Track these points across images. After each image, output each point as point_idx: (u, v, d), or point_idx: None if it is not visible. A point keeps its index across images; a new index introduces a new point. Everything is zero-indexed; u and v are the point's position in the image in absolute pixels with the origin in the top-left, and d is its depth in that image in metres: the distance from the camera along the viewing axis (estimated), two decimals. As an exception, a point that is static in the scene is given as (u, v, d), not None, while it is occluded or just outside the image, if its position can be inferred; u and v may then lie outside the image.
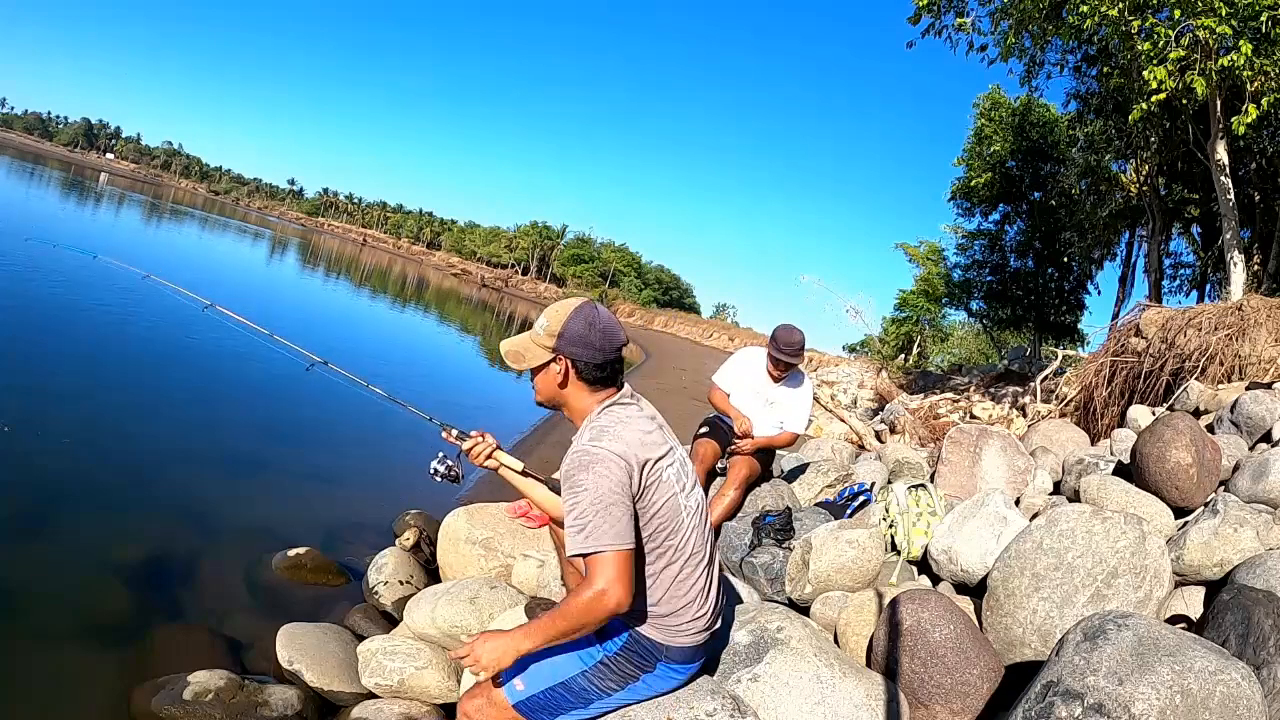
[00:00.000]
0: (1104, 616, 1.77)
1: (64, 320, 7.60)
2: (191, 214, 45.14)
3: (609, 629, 1.77)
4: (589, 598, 1.56)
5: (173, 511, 4.07)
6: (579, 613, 1.58)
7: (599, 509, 1.57)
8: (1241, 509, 2.79)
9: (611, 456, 1.62)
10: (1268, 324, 5.65)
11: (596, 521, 1.57)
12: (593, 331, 1.75)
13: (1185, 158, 11.05)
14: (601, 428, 1.69)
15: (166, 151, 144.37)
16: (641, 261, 69.10)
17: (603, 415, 1.73)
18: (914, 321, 25.49)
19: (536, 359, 1.79)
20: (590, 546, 1.57)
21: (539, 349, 1.79)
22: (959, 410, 9.28)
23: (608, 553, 1.57)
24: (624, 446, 1.65)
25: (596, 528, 1.57)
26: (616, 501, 1.59)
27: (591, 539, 1.57)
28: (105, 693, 2.60)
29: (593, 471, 1.60)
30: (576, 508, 1.59)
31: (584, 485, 1.59)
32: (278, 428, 6.26)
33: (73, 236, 10.88)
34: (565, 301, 1.83)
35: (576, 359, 1.75)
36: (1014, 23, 9.17)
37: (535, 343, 1.79)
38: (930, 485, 3.53)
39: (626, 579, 1.57)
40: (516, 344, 1.84)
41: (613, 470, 1.61)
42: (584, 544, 1.57)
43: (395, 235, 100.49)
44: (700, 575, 1.78)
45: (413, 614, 3.03)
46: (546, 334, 1.77)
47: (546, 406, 1.86)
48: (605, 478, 1.60)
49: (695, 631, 1.80)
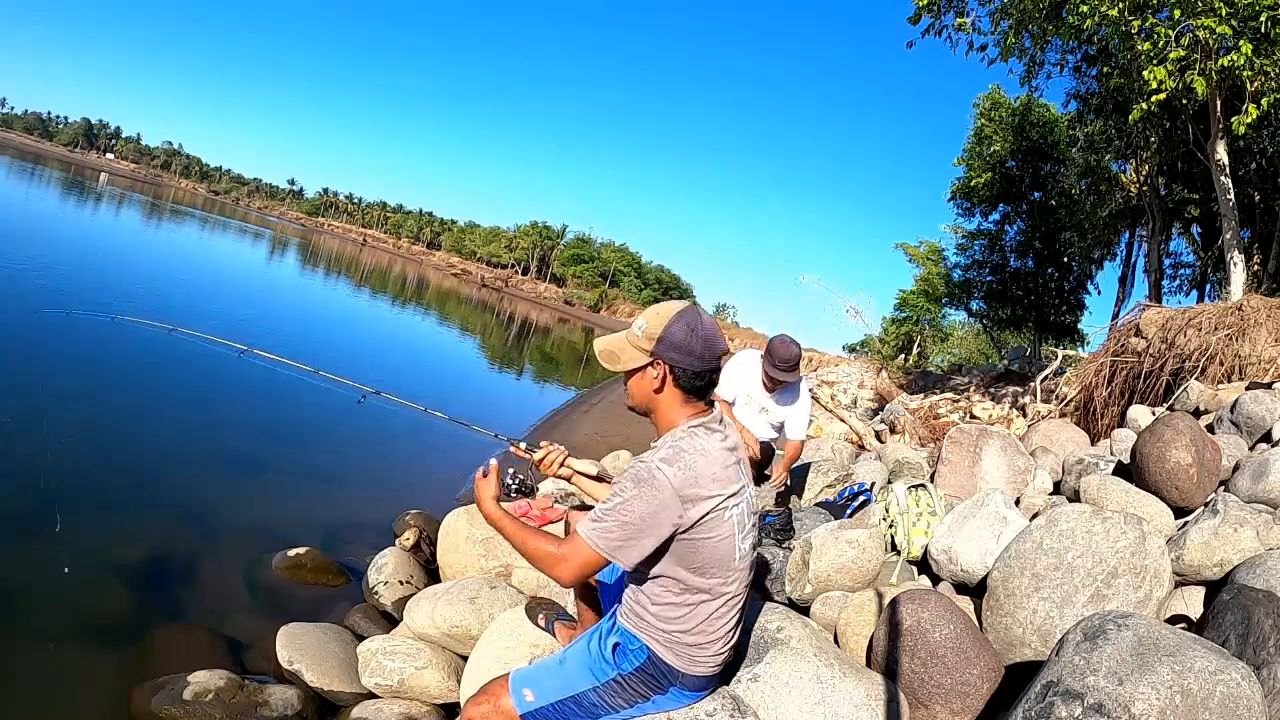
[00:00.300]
0: (1104, 616, 1.77)
1: (63, 320, 7.60)
2: (191, 214, 45.13)
3: (627, 647, 1.77)
4: (554, 555, 1.66)
5: (173, 511, 4.07)
6: (536, 556, 1.68)
7: (620, 521, 1.61)
8: (1241, 509, 2.79)
9: (668, 487, 1.60)
10: (1268, 324, 5.65)
11: (612, 527, 1.62)
12: (694, 338, 1.69)
13: (1185, 158, 11.05)
14: (679, 450, 1.65)
15: (166, 151, 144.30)
16: (641, 261, 69.10)
17: (686, 437, 1.68)
18: (914, 321, 25.48)
19: (632, 361, 1.73)
20: (591, 539, 1.63)
21: (636, 351, 1.73)
22: (959, 410, 9.28)
23: (594, 553, 1.63)
24: (686, 479, 1.62)
25: (608, 531, 1.62)
26: (642, 528, 1.61)
27: (596, 534, 1.62)
28: (105, 693, 2.61)
29: (641, 490, 1.61)
30: (610, 503, 1.64)
31: (627, 496, 1.61)
32: (278, 428, 6.25)
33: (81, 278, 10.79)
34: (667, 304, 1.76)
35: (675, 365, 1.69)
36: (1014, 23, 9.17)
37: (632, 344, 1.73)
38: (930, 485, 3.53)
39: (583, 577, 1.71)
40: (612, 344, 1.78)
41: (659, 500, 1.60)
42: (590, 531, 1.63)
43: (395, 235, 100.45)
44: (734, 615, 1.79)
45: (413, 614, 3.03)
46: (645, 336, 1.71)
47: (637, 411, 1.81)
48: (647, 503, 1.60)
49: (714, 665, 1.81)
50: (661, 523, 1.61)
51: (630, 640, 1.77)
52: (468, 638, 2.87)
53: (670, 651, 1.74)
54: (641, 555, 1.64)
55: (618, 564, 1.65)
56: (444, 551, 3.76)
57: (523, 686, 1.77)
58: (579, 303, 57.24)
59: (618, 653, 1.77)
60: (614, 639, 1.79)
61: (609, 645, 1.78)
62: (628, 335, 1.76)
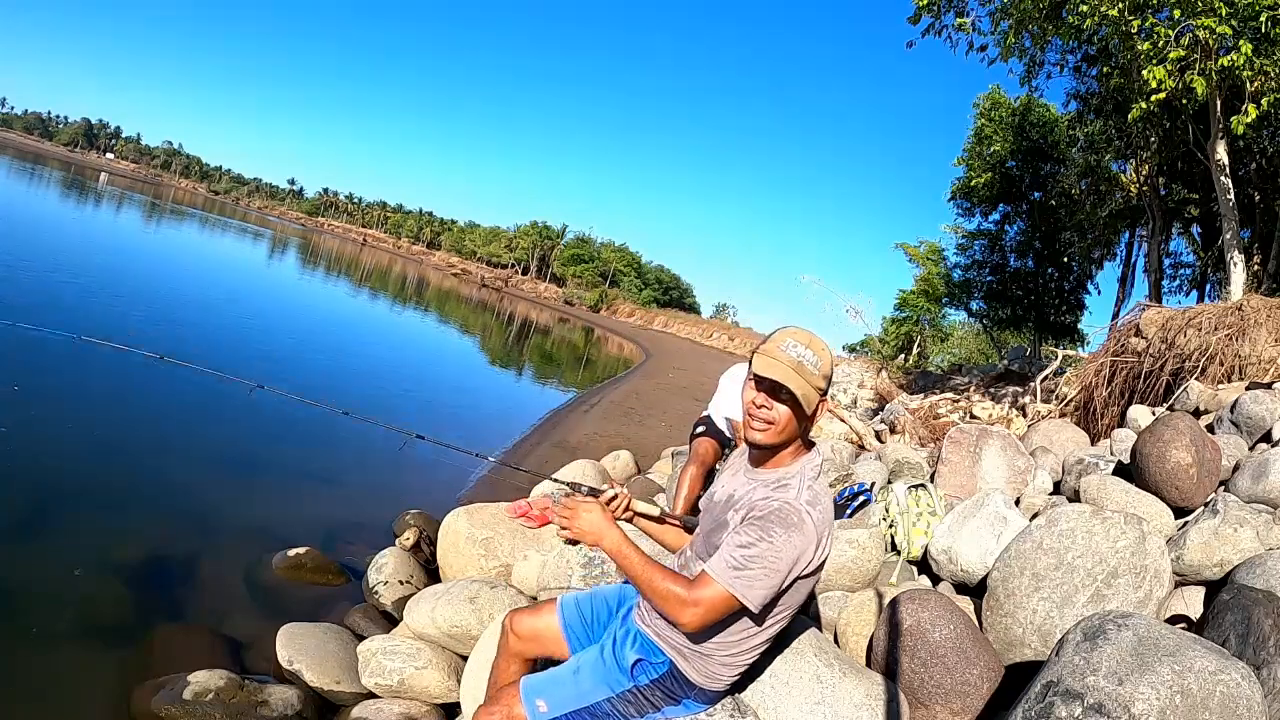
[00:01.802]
0: (1104, 616, 1.77)
1: (64, 321, 7.60)
2: (191, 214, 45.12)
3: (649, 660, 1.75)
4: (683, 599, 1.56)
5: (173, 511, 4.07)
6: (662, 596, 1.58)
7: (768, 569, 1.53)
8: (1241, 509, 2.79)
9: (815, 533, 1.57)
10: (1268, 324, 5.65)
11: (755, 575, 1.53)
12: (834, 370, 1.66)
13: (1185, 158, 11.04)
14: (818, 495, 1.61)
15: (166, 151, 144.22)
16: (641, 261, 69.03)
17: (818, 479, 1.65)
18: (914, 321, 25.44)
19: (814, 404, 1.59)
20: (729, 585, 1.53)
21: (815, 393, 1.58)
22: (959, 410, 9.27)
23: (730, 599, 1.54)
24: (824, 523, 1.60)
25: (751, 579, 1.53)
26: (783, 573, 1.55)
27: (739, 583, 1.53)
28: (105, 693, 2.61)
29: (791, 535, 1.54)
30: (753, 548, 1.54)
31: (774, 540, 1.53)
32: (278, 428, 6.25)
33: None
34: (818, 338, 1.63)
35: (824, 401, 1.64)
36: (1014, 23, 9.16)
37: (809, 382, 1.57)
38: (930, 485, 3.53)
39: (712, 624, 1.59)
40: (805, 389, 1.57)
41: (804, 546, 1.56)
42: (729, 578, 1.53)
43: (395, 235, 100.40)
44: (768, 645, 1.79)
45: (413, 614, 3.03)
46: (821, 375, 1.59)
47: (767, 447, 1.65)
48: (794, 549, 1.55)
49: (732, 682, 1.80)
50: (799, 566, 1.57)
51: (653, 652, 1.75)
52: (468, 638, 2.87)
53: (694, 667, 1.72)
54: (771, 598, 1.58)
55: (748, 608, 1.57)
56: (444, 551, 3.76)
57: (535, 696, 1.76)
58: (579, 303, 57.22)
59: (637, 667, 1.75)
60: (634, 653, 1.76)
61: (628, 658, 1.76)
62: (800, 370, 1.57)
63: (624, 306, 58.69)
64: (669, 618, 1.60)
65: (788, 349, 1.59)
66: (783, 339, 1.62)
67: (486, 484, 6.08)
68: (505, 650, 2.02)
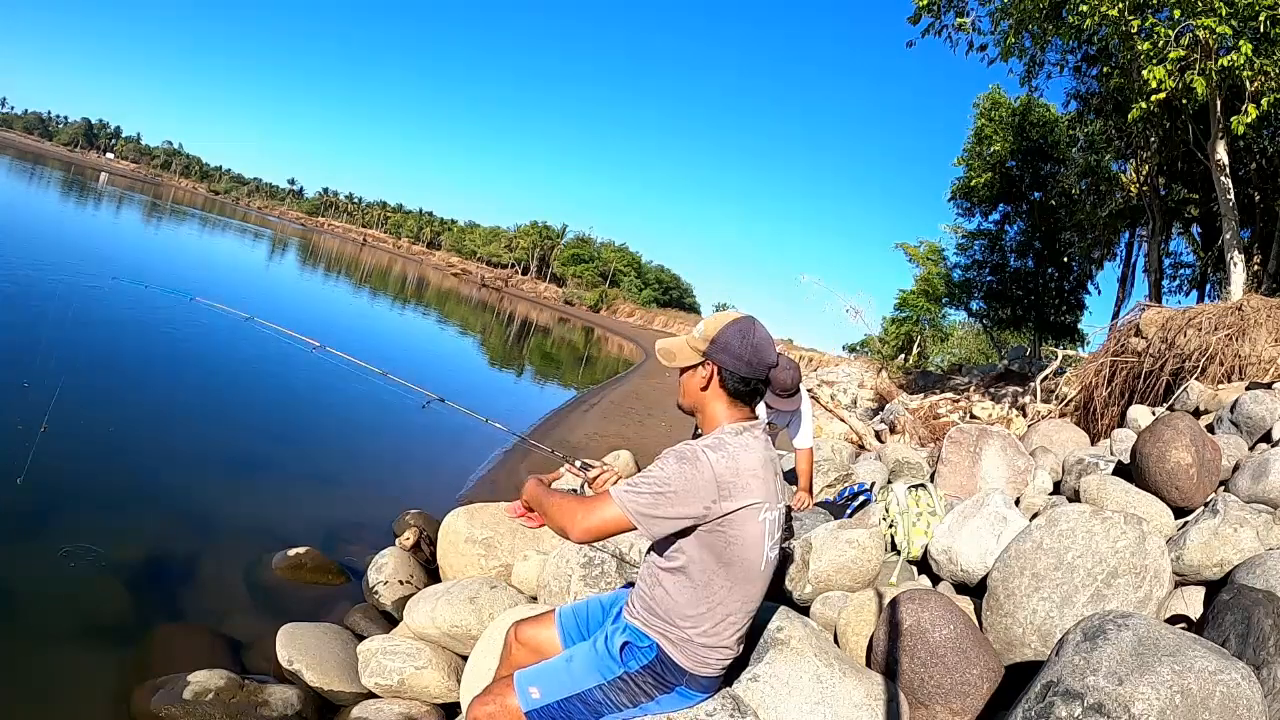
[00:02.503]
0: (1104, 616, 1.77)
1: (62, 321, 7.60)
2: (192, 214, 45.12)
3: (636, 645, 1.78)
4: (572, 509, 1.71)
5: (173, 511, 4.07)
6: (558, 508, 1.75)
7: (657, 491, 1.64)
8: (1241, 509, 2.79)
9: (709, 469, 1.65)
10: (1268, 324, 5.65)
11: (645, 492, 1.65)
12: (744, 345, 1.78)
13: (1185, 158, 11.04)
14: (723, 441, 1.71)
15: (166, 151, 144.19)
16: (641, 261, 69.03)
17: (732, 433, 1.75)
18: (914, 321, 25.41)
19: (686, 360, 1.84)
20: (622, 499, 1.65)
21: (690, 351, 1.83)
22: (959, 410, 9.28)
23: (619, 514, 1.64)
24: (728, 468, 1.67)
25: (640, 495, 1.65)
26: (675, 501, 1.64)
27: (628, 497, 1.65)
28: (105, 693, 2.61)
29: (683, 466, 1.65)
30: (648, 475, 1.68)
31: (667, 469, 1.66)
32: (278, 428, 6.26)
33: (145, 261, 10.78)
34: (728, 313, 1.88)
35: (723, 366, 1.78)
36: (1014, 23, 9.17)
37: (689, 345, 1.84)
38: (930, 485, 3.53)
39: (600, 536, 1.70)
40: (672, 344, 1.89)
41: (698, 480, 1.64)
42: (622, 493, 1.66)
43: (395, 235, 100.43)
44: (747, 619, 1.83)
45: (413, 614, 3.03)
46: (701, 338, 1.82)
47: (685, 410, 1.90)
48: (686, 479, 1.64)
49: (721, 666, 1.82)
50: (693, 501, 1.64)
51: (639, 638, 1.78)
52: (468, 637, 2.87)
53: (680, 650, 1.75)
54: (665, 530, 1.67)
55: (643, 533, 1.66)
56: (444, 551, 3.76)
57: (528, 685, 1.79)
58: (579, 302, 57.23)
59: (625, 651, 1.78)
60: (622, 637, 1.79)
61: (616, 643, 1.79)
62: (687, 337, 1.87)
63: (624, 306, 58.70)
64: (564, 529, 1.70)
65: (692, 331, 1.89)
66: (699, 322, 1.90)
67: (487, 483, 6.09)
68: (508, 659, 2.06)
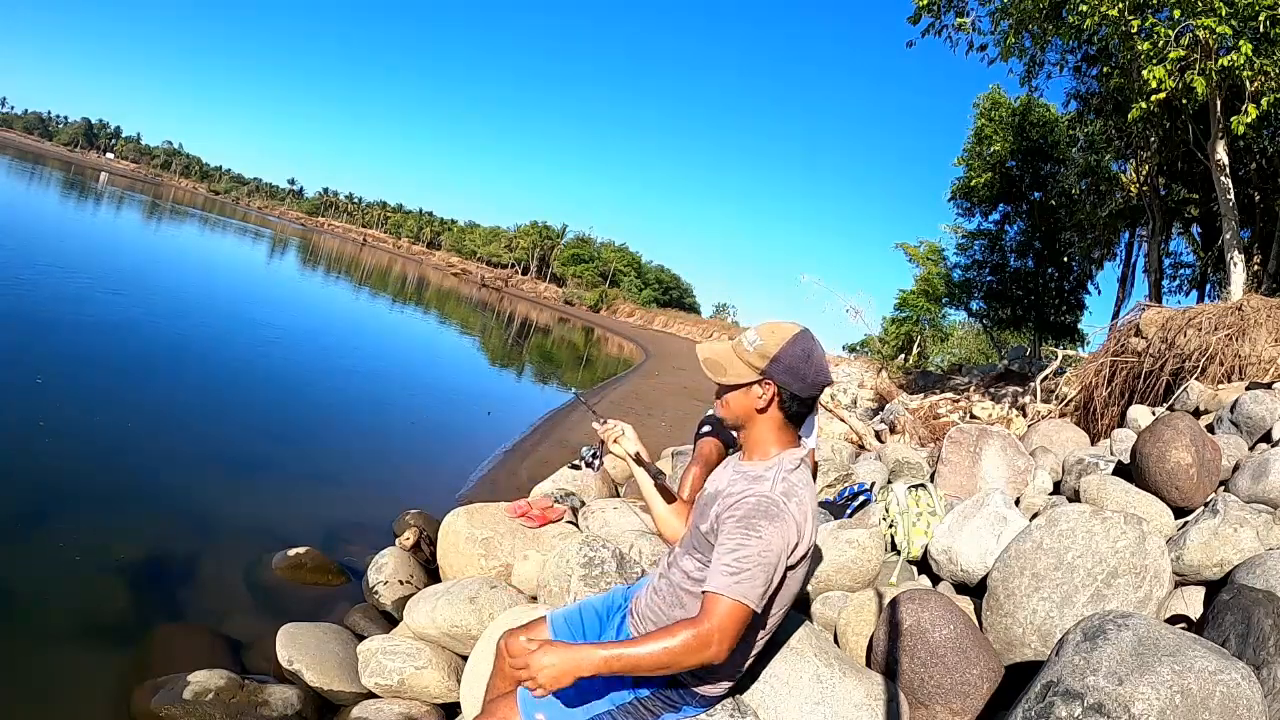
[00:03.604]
0: (1104, 616, 1.77)
1: (62, 321, 7.60)
2: (192, 214, 45.13)
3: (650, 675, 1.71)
4: (699, 635, 1.49)
5: (173, 511, 4.07)
6: (681, 649, 1.50)
7: (763, 565, 1.52)
8: (1241, 509, 2.79)
9: (795, 523, 1.57)
10: (1268, 324, 5.65)
11: (754, 574, 1.51)
12: (809, 365, 1.65)
13: (1185, 158, 11.04)
14: (793, 485, 1.62)
15: (166, 151, 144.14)
16: (641, 261, 69.01)
17: (796, 471, 1.66)
18: (914, 321, 25.42)
19: (739, 376, 1.67)
20: (736, 594, 1.51)
21: (744, 366, 1.67)
22: (959, 410, 9.28)
23: (742, 608, 1.52)
24: (805, 518, 1.60)
25: (752, 579, 1.51)
26: (776, 566, 1.55)
27: (741, 587, 1.51)
28: (105, 693, 2.61)
29: (775, 527, 1.54)
30: (742, 550, 1.53)
31: (761, 534, 1.53)
32: (278, 427, 6.25)
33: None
34: (782, 324, 1.71)
35: (785, 388, 1.66)
36: (1014, 23, 9.17)
37: (741, 358, 1.67)
38: (930, 485, 3.53)
39: (736, 639, 1.54)
40: (719, 354, 1.70)
41: (789, 536, 1.56)
42: (732, 588, 1.51)
43: (395, 235, 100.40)
44: (764, 643, 1.79)
45: (413, 614, 3.03)
46: (758, 354, 1.65)
47: (729, 424, 1.75)
48: (781, 539, 1.55)
49: (732, 684, 1.80)
50: (787, 558, 1.57)
51: None
52: (468, 637, 2.87)
53: (694, 674, 1.71)
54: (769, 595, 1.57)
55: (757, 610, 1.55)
56: (444, 551, 3.76)
57: (534, 710, 1.73)
58: (579, 302, 57.22)
59: (639, 679, 1.72)
60: None
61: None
62: (736, 347, 1.69)
63: (624, 306, 58.69)
64: (705, 660, 1.51)
65: (744, 331, 1.74)
66: (748, 330, 1.74)
67: (487, 483, 6.09)
68: (500, 671, 2.00)
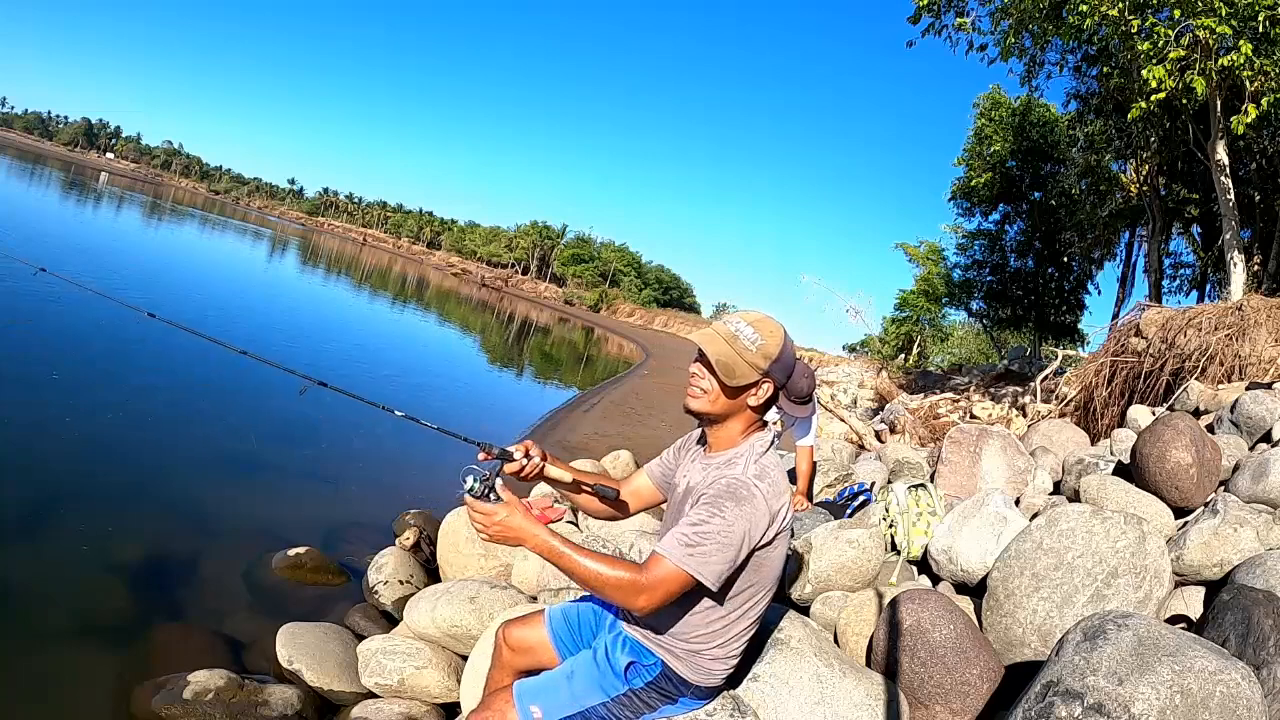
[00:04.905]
0: (1104, 616, 1.77)
1: (61, 319, 7.60)
2: (192, 213, 45.11)
3: (641, 663, 1.74)
4: (634, 583, 1.50)
5: (173, 511, 4.07)
6: (613, 583, 1.51)
7: (721, 544, 1.53)
8: (1241, 509, 2.79)
9: (764, 505, 1.58)
10: (1268, 324, 5.65)
11: (710, 550, 1.52)
12: (793, 360, 1.68)
13: (1185, 158, 11.04)
14: (765, 468, 1.64)
15: (166, 151, 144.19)
16: (641, 261, 69.04)
17: (765, 455, 1.67)
18: (914, 321, 25.44)
19: (745, 377, 1.64)
20: (682, 563, 1.51)
21: (749, 367, 1.63)
22: (959, 410, 9.28)
23: (683, 576, 1.52)
24: (774, 494, 1.61)
25: (706, 555, 1.52)
26: (738, 547, 1.55)
27: (693, 560, 1.51)
28: (105, 693, 2.61)
29: (742, 509, 1.55)
30: (704, 525, 1.54)
31: (726, 514, 1.54)
32: (278, 428, 6.25)
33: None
34: (770, 320, 1.68)
35: (778, 384, 1.66)
36: (1014, 22, 9.17)
37: (744, 357, 1.63)
38: (930, 485, 3.53)
39: (666, 601, 1.55)
40: (729, 356, 1.63)
41: (756, 519, 1.57)
42: (683, 558, 1.52)
43: (395, 235, 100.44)
44: (755, 629, 1.79)
45: (413, 613, 3.03)
46: (761, 354, 1.63)
47: (705, 417, 1.70)
48: (746, 521, 1.55)
49: (726, 675, 1.80)
50: (752, 538, 1.58)
51: (644, 655, 1.74)
52: (468, 637, 2.87)
53: (686, 665, 1.73)
54: (728, 575, 1.58)
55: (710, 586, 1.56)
56: (444, 551, 3.76)
57: (529, 703, 1.74)
58: (579, 302, 57.23)
59: (631, 670, 1.74)
60: (626, 656, 1.75)
61: (621, 662, 1.75)
62: (740, 349, 1.63)
63: (624, 306, 58.70)
64: (626, 604, 1.53)
65: (729, 324, 1.67)
66: (733, 316, 1.70)
67: (486, 484, 6.07)
68: (499, 662, 2.01)
